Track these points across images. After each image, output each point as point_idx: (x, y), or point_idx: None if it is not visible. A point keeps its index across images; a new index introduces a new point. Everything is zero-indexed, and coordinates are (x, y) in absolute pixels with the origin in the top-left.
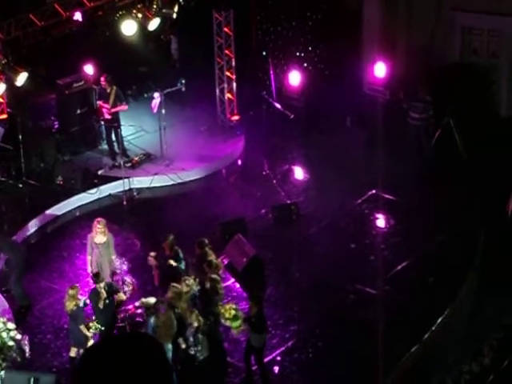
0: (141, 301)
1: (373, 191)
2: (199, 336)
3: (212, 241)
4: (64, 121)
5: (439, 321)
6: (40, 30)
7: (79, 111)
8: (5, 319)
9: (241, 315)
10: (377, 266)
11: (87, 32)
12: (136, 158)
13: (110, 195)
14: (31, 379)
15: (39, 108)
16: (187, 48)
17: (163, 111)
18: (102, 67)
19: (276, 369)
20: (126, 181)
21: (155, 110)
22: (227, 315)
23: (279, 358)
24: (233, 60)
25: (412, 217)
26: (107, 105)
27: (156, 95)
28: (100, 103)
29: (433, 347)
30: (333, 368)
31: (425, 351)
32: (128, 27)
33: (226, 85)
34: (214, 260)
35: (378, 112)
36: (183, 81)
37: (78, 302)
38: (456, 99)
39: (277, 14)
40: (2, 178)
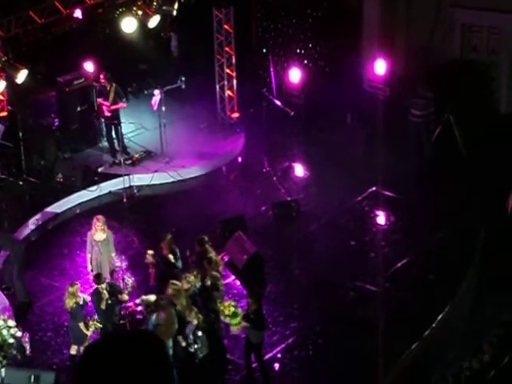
0: (141, 298)
1: (373, 188)
2: (199, 333)
3: (212, 238)
4: (64, 118)
5: (439, 318)
6: (40, 28)
7: (79, 108)
8: (5, 316)
9: (240, 312)
10: (377, 263)
11: (87, 29)
12: (136, 156)
13: (110, 192)
14: (32, 376)
15: (39, 105)
16: (187, 45)
17: (163, 108)
18: (102, 64)
19: (276, 366)
20: (126, 178)
21: (155, 108)
22: (226, 312)
23: (279, 355)
24: (233, 57)
25: (412, 214)
26: (107, 102)
27: (156, 92)
28: (100, 100)
29: (433, 344)
30: (333, 365)
31: (425, 348)
32: (128, 24)
33: (226, 82)
34: (214, 257)
35: (378, 109)
36: (183, 78)
37: (78, 300)
38: (456, 96)
39: (277, 12)
40: (3, 176)
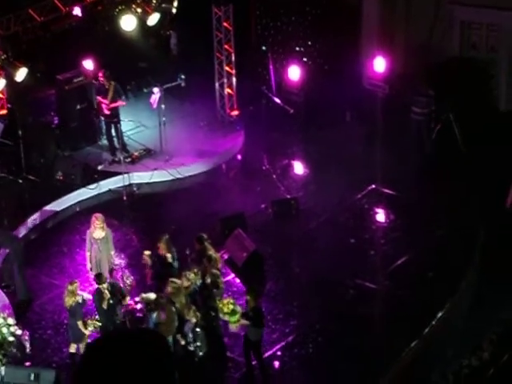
0: (141, 296)
1: (372, 186)
2: (198, 332)
3: (212, 236)
4: (64, 116)
5: (439, 315)
6: (39, 25)
7: (79, 106)
8: (5, 314)
9: (239, 310)
10: (376, 261)
11: (87, 27)
12: (136, 154)
13: (110, 190)
14: (31, 374)
15: (39, 103)
16: (187, 43)
17: (163, 106)
18: (102, 62)
19: (276, 364)
20: (126, 176)
21: (155, 106)
22: (225, 310)
23: (279, 353)
24: (232, 55)
25: (412, 211)
26: (106, 100)
27: (155, 90)
28: (99, 98)
29: (432, 342)
30: (333, 363)
31: (424, 346)
32: (127, 22)
33: (226, 80)
34: (214, 254)
35: (378, 107)
36: (183, 76)
37: (77, 298)
38: (455, 93)
39: (276, 9)
40: (2, 174)
